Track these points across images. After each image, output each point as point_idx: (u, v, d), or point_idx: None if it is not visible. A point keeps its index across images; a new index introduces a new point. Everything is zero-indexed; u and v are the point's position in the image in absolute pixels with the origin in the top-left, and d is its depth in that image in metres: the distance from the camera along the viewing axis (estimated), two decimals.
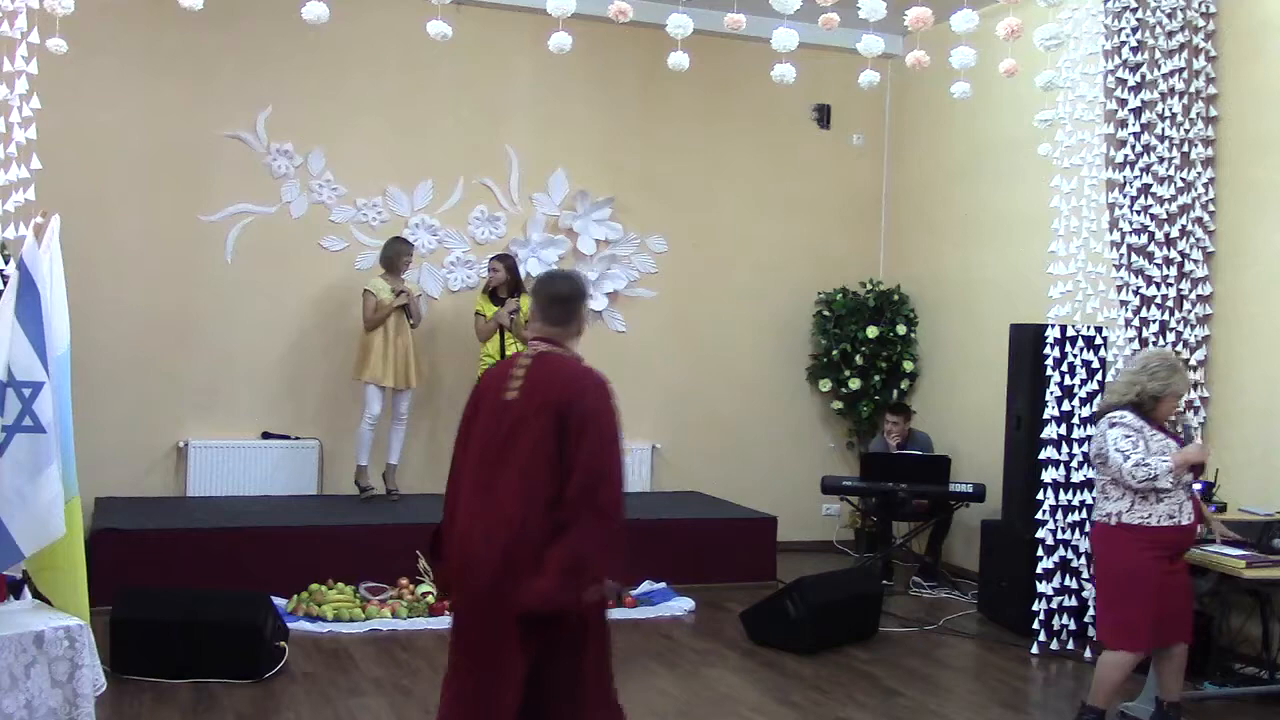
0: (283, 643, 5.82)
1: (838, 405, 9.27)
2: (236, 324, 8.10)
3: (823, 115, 9.43)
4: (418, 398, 8.22)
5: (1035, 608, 6.48)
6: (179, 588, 5.95)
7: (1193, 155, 6.50)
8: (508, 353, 8.06)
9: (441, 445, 8.49)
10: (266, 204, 8.18)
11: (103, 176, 7.80)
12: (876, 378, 9.11)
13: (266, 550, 6.90)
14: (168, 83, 7.94)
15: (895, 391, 9.16)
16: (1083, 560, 6.46)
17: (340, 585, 6.84)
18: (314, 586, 6.80)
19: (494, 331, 8.07)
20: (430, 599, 6.81)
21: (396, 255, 7.99)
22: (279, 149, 8.18)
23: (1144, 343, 6.46)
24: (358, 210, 8.36)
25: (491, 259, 8.20)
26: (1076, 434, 6.48)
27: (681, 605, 7.19)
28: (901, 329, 9.14)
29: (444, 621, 6.57)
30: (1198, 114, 6.50)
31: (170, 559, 6.67)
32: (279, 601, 6.43)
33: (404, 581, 6.95)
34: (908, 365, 9.14)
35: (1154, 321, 6.49)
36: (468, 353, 8.42)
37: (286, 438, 8.15)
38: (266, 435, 8.14)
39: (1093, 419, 5.23)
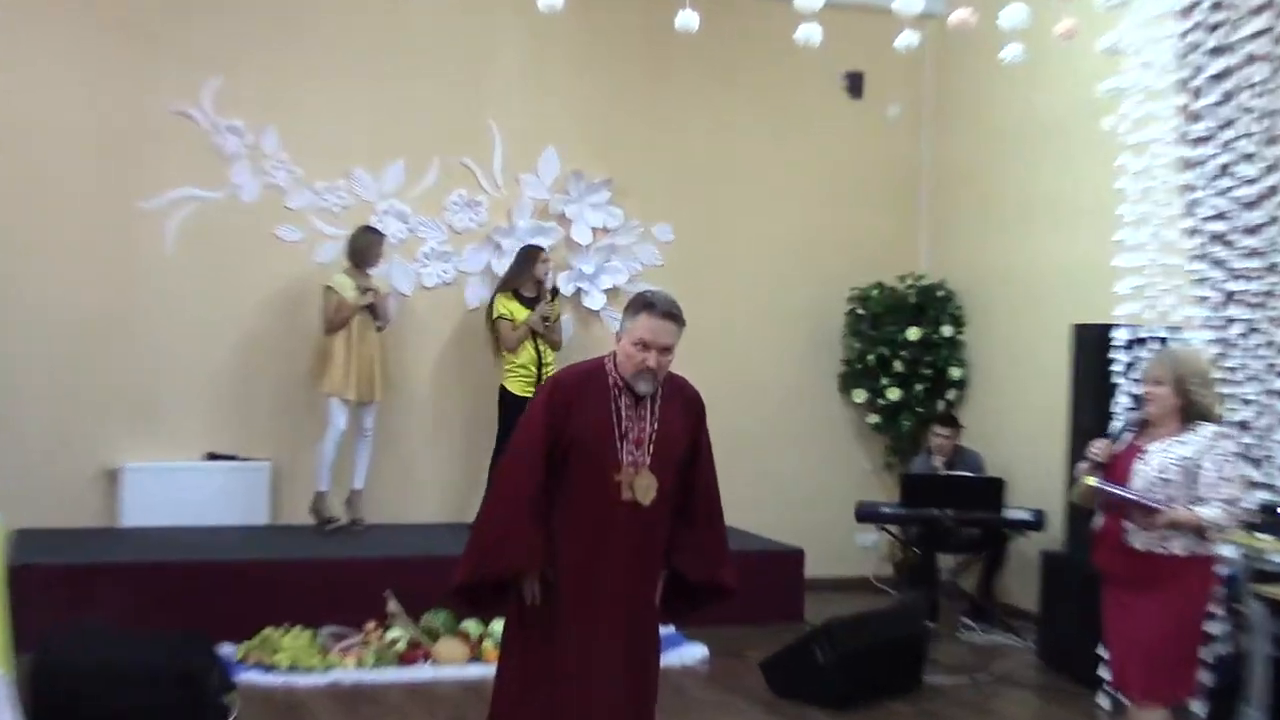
0: (230, 695, 5.83)
1: (874, 419, 9.29)
2: (178, 326, 8.13)
3: (854, 84, 9.44)
4: (386, 412, 8.26)
5: (1104, 654, 6.46)
6: (109, 632, 5.98)
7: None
8: (545, 361, 8.07)
9: (416, 466, 8.55)
10: (213, 188, 8.21)
11: (24, 157, 7.85)
12: (919, 387, 9.12)
13: (211, 589, 6.90)
14: (101, 51, 8.00)
15: (941, 402, 9.17)
16: None
17: (297, 630, 6.83)
18: (266, 631, 6.78)
19: (525, 338, 8.08)
20: (401, 646, 6.81)
21: (367, 247, 8.02)
22: (227, 125, 8.22)
23: (1227, 345, 6.46)
24: (317, 195, 8.40)
25: (535, 248, 8.22)
26: None
27: (692, 652, 7.19)
28: (947, 330, 9.16)
29: (417, 673, 6.64)
30: None
31: (100, 599, 6.67)
32: (226, 649, 6.45)
33: (371, 626, 6.93)
34: (955, 372, 9.15)
35: (1238, 320, 6.46)
36: (444, 360, 8.48)
37: (234, 458, 8.16)
38: (211, 456, 8.15)
39: None
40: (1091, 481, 4.85)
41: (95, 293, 8.01)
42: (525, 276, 8.18)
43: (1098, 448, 4.91)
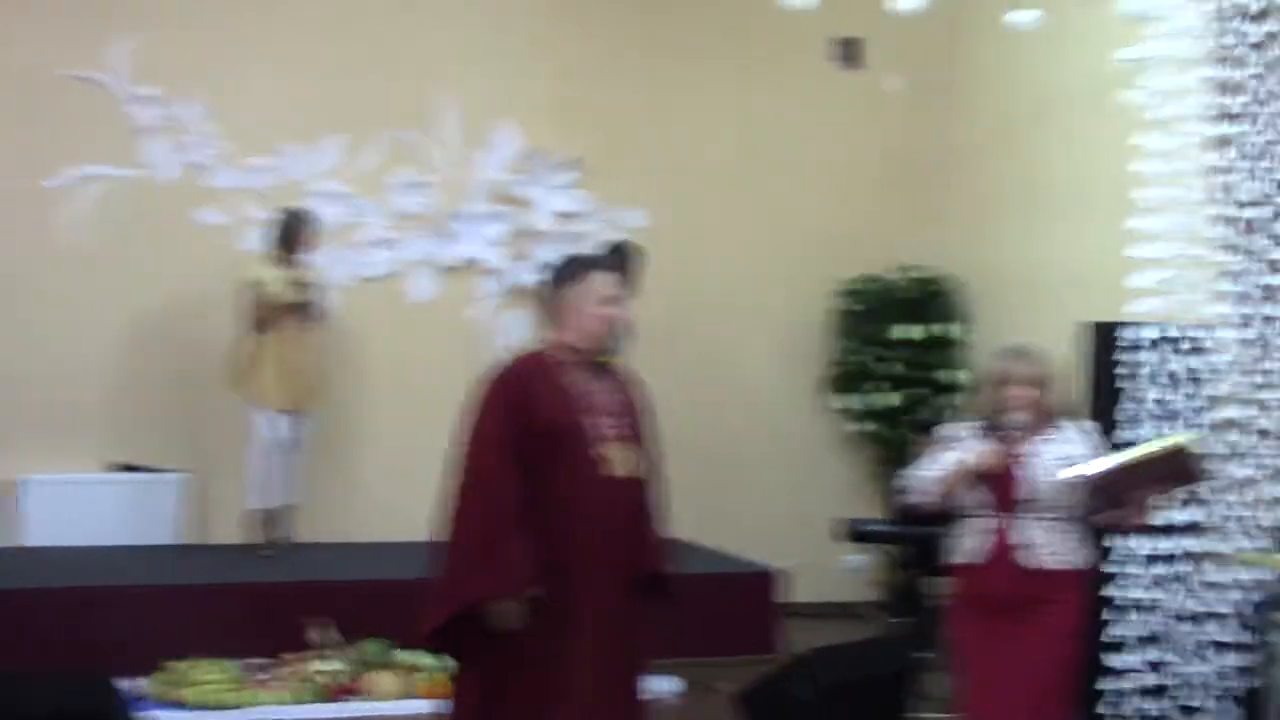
0: None
1: (863, 426, 9.31)
2: (85, 322, 8.09)
3: (849, 52, 9.42)
4: (321, 421, 8.21)
5: (1105, 686, 6.42)
6: None
7: None
8: None
9: (350, 480, 8.50)
10: (126, 165, 8.20)
11: None
12: (913, 391, 9.14)
13: (115, 617, 6.84)
14: None
15: (939, 409, 9.12)
16: (1169, 624, 6.42)
17: (211, 662, 6.76)
18: (176, 664, 6.71)
19: None
20: (329, 679, 6.74)
21: (295, 232, 7.94)
22: (142, 94, 8.19)
23: (1263, 346, 6.43)
24: (244, 174, 8.40)
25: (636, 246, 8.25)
26: None
27: (659, 685, 7.11)
28: (949, 329, 9.19)
29: (345, 708, 6.61)
30: None
31: None
32: (129, 685, 6.29)
33: (294, 657, 6.89)
34: (956, 375, 9.17)
35: (1275, 319, 6.45)
36: (387, 361, 8.39)
37: (145, 470, 8.15)
38: (118, 467, 8.13)
39: None
40: (1100, 468, 4.71)
41: None
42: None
43: (991, 456, 4.83)
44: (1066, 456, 4.82)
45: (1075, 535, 4.82)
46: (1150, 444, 4.80)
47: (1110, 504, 4.78)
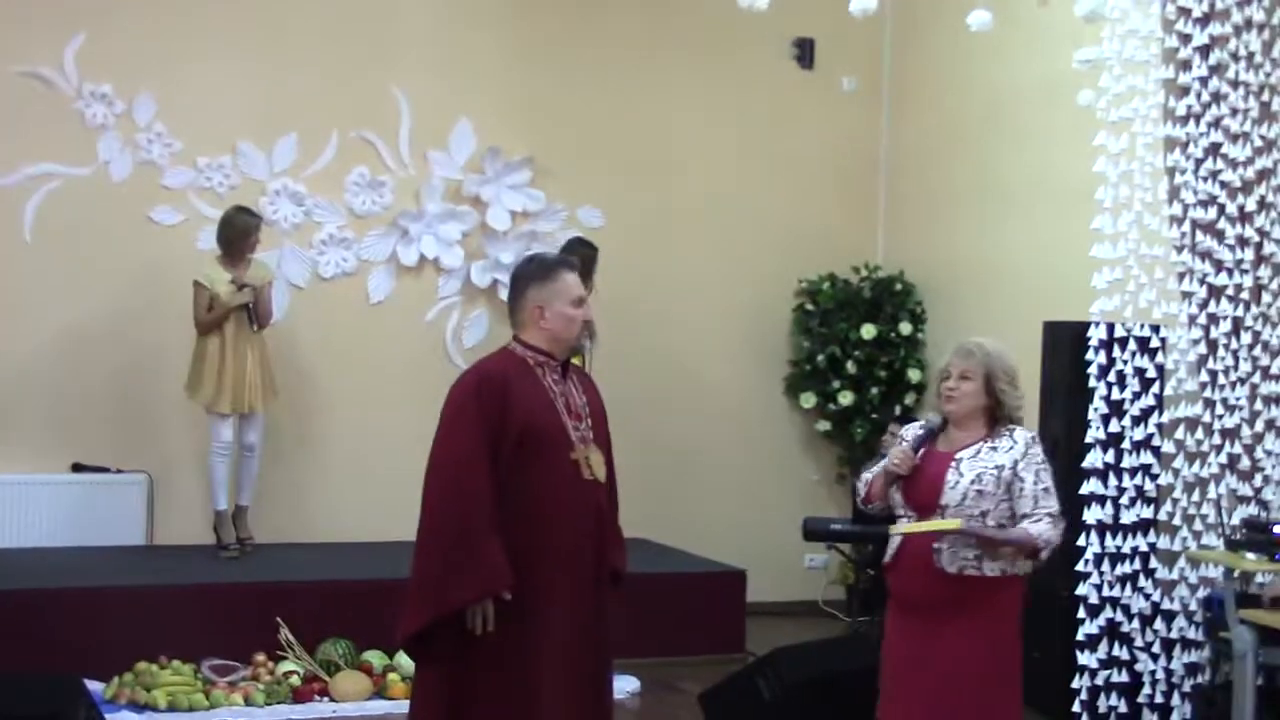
0: None
1: (824, 426, 9.35)
2: (38, 322, 8.02)
3: (805, 52, 9.49)
4: (280, 421, 8.20)
5: (1076, 684, 6.51)
6: None
7: (1275, 106, 6.57)
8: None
9: (314, 482, 8.47)
10: (78, 164, 8.12)
11: None
12: (874, 390, 9.19)
13: (78, 618, 6.82)
14: None
15: (898, 408, 9.22)
16: (1136, 624, 6.52)
17: (176, 664, 6.79)
18: (141, 666, 6.73)
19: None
20: (295, 680, 6.79)
21: (241, 233, 7.86)
22: (94, 91, 8.13)
23: (1212, 345, 6.54)
24: (199, 173, 8.34)
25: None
26: (1128, 462, 6.55)
27: (623, 685, 7.16)
28: (906, 327, 9.23)
29: (313, 709, 6.63)
30: None
31: None
32: (94, 686, 6.35)
33: (260, 658, 6.91)
34: (914, 374, 9.23)
35: (1225, 318, 6.55)
36: (345, 361, 8.38)
37: (105, 470, 8.10)
38: (78, 468, 8.09)
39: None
40: (899, 531, 4.79)
41: None
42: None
43: (899, 458, 4.81)
44: (997, 465, 4.76)
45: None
46: (930, 523, 4.75)
47: None
